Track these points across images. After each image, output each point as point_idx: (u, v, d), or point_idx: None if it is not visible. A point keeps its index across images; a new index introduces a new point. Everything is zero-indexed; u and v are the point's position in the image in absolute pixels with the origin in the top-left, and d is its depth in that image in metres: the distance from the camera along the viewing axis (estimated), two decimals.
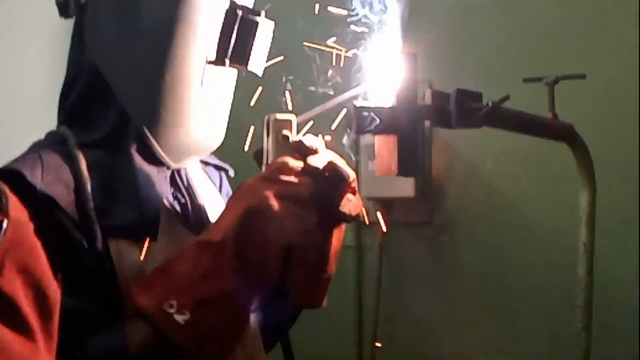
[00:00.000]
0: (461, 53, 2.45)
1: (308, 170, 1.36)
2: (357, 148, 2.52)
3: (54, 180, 1.34)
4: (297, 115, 1.43)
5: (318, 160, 1.38)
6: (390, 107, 1.38)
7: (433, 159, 2.50)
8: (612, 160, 2.26)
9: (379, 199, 2.52)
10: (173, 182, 1.53)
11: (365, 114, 1.35)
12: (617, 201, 2.27)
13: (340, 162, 1.39)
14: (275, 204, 1.31)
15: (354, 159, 2.42)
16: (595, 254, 1.67)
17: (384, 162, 1.40)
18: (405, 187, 2.44)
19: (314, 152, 1.38)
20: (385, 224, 2.47)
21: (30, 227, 1.25)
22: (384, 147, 1.40)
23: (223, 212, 1.36)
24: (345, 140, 1.48)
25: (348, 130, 1.39)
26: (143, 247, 1.38)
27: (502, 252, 2.46)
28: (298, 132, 1.43)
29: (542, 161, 2.35)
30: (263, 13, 1.50)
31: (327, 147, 1.42)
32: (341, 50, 1.53)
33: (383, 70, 1.45)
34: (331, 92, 1.54)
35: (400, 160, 1.36)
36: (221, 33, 1.47)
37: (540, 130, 1.61)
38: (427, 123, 1.43)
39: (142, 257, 1.36)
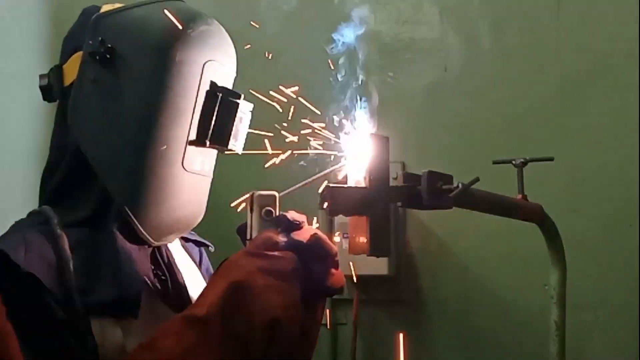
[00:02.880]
0: (433, 136, 2.47)
1: (292, 244, 1.38)
2: (331, 226, 2.53)
3: (37, 259, 1.36)
4: (279, 192, 1.46)
5: (301, 235, 1.39)
6: (362, 189, 1.39)
7: (408, 237, 2.50)
8: (582, 240, 2.31)
9: (352, 276, 2.51)
10: (154, 259, 1.55)
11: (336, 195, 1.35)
12: (588, 280, 2.30)
13: (323, 237, 1.41)
14: (259, 278, 1.32)
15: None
16: (567, 333, 1.68)
17: (356, 243, 1.41)
18: (380, 265, 2.45)
19: (297, 227, 1.40)
20: (359, 302, 2.49)
21: (3, 309, 1.23)
22: (357, 227, 1.41)
23: (207, 287, 1.37)
24: (319, 218, 1.51)
25: (322, 210, 1.42)
26: (125, 324, 1.39)
27: (475, 331, 2.46)
28: (280, 207, 1.45)
29: (514, 240, 2.35)
30: (242, 95, 1.54)
31: (309, 222, 1.44)
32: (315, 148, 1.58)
33: (357, 152, 1.48)
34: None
35: (372, 241, 1.36)
36: (202, 115, 1.50)
37: (510, 211, 1.62)
38: (398, 204, 1.44)
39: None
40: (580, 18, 2.38)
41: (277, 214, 1.44)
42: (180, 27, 1.46)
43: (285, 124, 1.64)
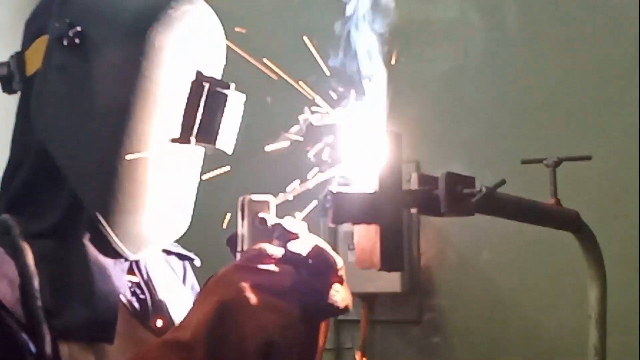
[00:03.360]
0: (452, 131, 2.48)
1: (289, 257, 1.37)
2: (335, 235, 2.54)
3: None
4: (275, 196, 1.45)
5: (300, 246, 1.38)
6: (371, 194, 1.38)
7: (422, 248, 2.51)
8: (624, 251, 2.31)
9: (360, 294, 2.51)
10: (131, 274, 1.55)
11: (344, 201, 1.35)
12: (631, 297, 2.31)
13: (326, 248, 1.40)
14: (252, 296, 1.30)
15: None
16: (608, 358, 1.67)
17: (364, 255, 1.40)
18: (391, 281, 2.46)
19: (295, 236, 1.39)
20: (368, 323, 2.49)
21: None
22: (365, 237, 1.40)
23: (193, 306, 1.35)
24: (321, 226, 1.52)
25: (323, 219, 1.42)
26: (97, 350, 1.38)
27: (501, 355, 2.48)
28: (276, 214, 1.43)
29: (545, 251, 2.37)
30: (232, 85, 1.53)
31: (309, 230, 1.42)
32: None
33: (364, 151, 1.47)
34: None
35: (383, 253, 1.35)
36: (186, 108, 1.49)
37: (541, 219, 1.61)
38: (412, 210, 1.42)
39: None
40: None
41: (273, 221, 1.43)
42: (159, 6, 1.46)
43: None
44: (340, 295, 1.39)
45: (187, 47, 1.49)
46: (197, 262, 1.77)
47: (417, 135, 2.43)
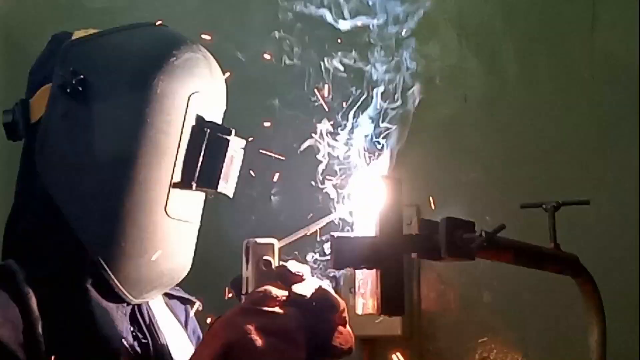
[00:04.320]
0: (451, 176, 2.48)
1: (294, 299, 1.37)
2: (336, 279, 2.53)
3: (1, 321, 1.35)
4: (278, 240, 1.46)
5: (305, 288, 1.39)
6: (371, 238, 1.39)
7: (422, 291, 2.49)
8: (624, 296, 2.30)
9: (360, 337, 2.52)
10: (133, 319, 1.54)
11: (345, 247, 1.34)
12: (631, 341, 2.29)
13: (329, 290, 1.41)
14: (257, 338, 1.31)
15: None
16: None
17: (365, 300, 1.40)
18: (392, 325, 2.45)
19: (299, 279, 1.40)
20: None
21: None
22: (365, 282, 1.40)
23: (197, 350, 1.36)
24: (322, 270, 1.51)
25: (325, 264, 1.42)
26: None
27: None
28: (280, 257, 1.44)
29: (545, 295, 2.35)
30: (233, 131, 1.54)
31: (312, 274, 1.44)
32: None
33: (365, 196, 1.47)
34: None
35: (384, 298, 1.35)
36: (187, 153, 1.50)
37: (541, 263, 1.59)
38: (413, 255, 1.42)
39: None
40: (616, 43, 2.39)
41: (277, 264, 1.43)
42: (162, 55, 1.48)
43: None
44: (343, 337, 1.40)
45: (189, 93, 1.49)
46: (199, 306, 1.76)
47: (417, 180, 2.43)
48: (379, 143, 1.55)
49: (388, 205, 1.39)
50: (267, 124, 1.96)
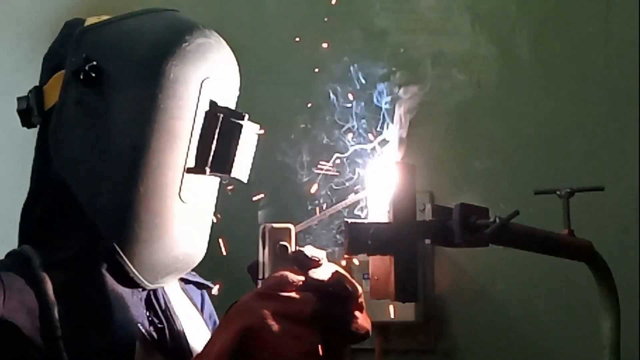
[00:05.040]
0: (465, 162, 2.47)
1: (310, 284, 1.37)
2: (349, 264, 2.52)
3: (17, 306, 1.36)
4: (295, 224, 1.46)
5: (321, 273, 1.39)
6: (385, 224, 1.39)
7: (436, 276, 2.48)
8: (637, 281, 2.29)
9: (374, 323, 2.50)
10: (149, 304, 1.55)
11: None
12: None
13: (345, 275, 1.40)
14: (273, 323, 1.31)
15: None
16: None
17: (379, 286, 1.41)
18: (405, 311, 2.44)
19: (316, 264, 1.40)
20: (382, 352, 2.47)
21: None
22: (379, 268, 1.41)
23: (213, 335, 1.36)
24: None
25: (338, 248, 1.42)
26: None
27: None
28: (297, 242, 1.44)
29: (559, 281, 2.33)
30: (246, 116, 1.54)
31: (329, 259, 1.43)
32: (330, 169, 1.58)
33: (379, 182, 1.48)
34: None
35: (397, 284, 1.36)
36: (200, 138, 1.50)
37: (554, 249, 1.59)
38: (427, 241, 1.43)
39: None
40: (631, 29, 2.38)
41: (293, 249, 1.43)
42: (174, 40, 1.48)
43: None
44: (360, 322, 1.40)
45: (202, 79, 1.49)
46: (215, 291, 1.76)
47: (430, 166, 2.43)
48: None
49: (402, 191, 1.39)
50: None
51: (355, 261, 1.61)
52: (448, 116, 2.52)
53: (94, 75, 1.47)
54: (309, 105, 1.80)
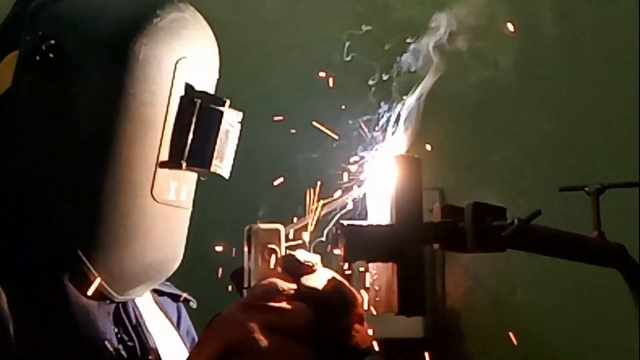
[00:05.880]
0: (480, 154, 2.49)
1: (303, 293, 1.37)
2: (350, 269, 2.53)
3: None
4: (285, 225, 1.46)
5: (315, 281, 1.39)
6: (387, 227, 1.39)
7: (447, 287, 2.50)
8: None
9: (377, 340, 2.51)
10: (118, 319, 1.54)
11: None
12: None
13: (344, 282, 1.40)
14: (261, 338, 1.31)
15: None
16: None
17: (381, 297, 1.40)
18: (412, 326, 2.45)
19: (309, 270, 1.40)
20: None
21: None
22: (381, 277, 1.41)
23: (193, 352, 1.37)
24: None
25: (335, 253, 1.42)
26: None
27: None
28: (287, 244, 1.45)
29: (588, 291, 2.36)
30: (227, 102, 1.53)
31: (324, 264, 1.43)
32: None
33: (380, 177, 1.48)
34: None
35: (402, 295, 1.36)
36: (175, 128, 1.50)
37: (583, 254, 1.60)
38: (435, 246, 1.42)
39: None
40: None
41: (283, 253, 1.44)
42: (144, 15, 1.48)
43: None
44: (360, 336, 1.40)
45: (176, 59, 1.49)
46: (194, 304, 1.76)
47: (440, 159, 2.43)
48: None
49: (406, 188, 1.39)
50: None
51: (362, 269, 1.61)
52: (460, 101, 2.53)
53: (51, 56, 1.46)
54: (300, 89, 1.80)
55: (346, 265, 1.45)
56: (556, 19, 2.48)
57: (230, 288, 1.52)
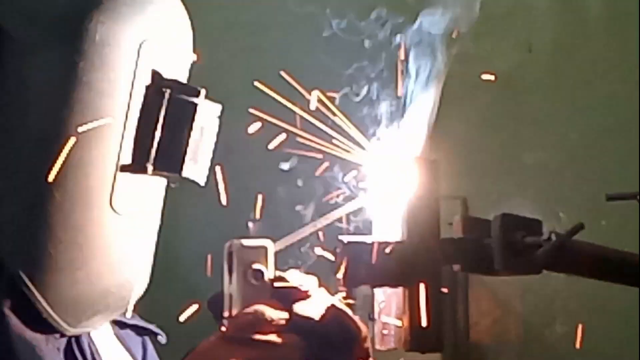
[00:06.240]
0: (510, 156, 2.50)
1: (296, 323, 1.37)
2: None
3: None
4: (274, 240, 1.45)
5: (311, 308, 1.39)
6: (397, 244, 1.39)
7: (471, 317, 2.51)
8: None
9: None
10: (70, 356, 1.53)
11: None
12: None
13: (344, 310, 1.40)
14: None
15: None
16: None
17: (389, 330, 1.41)
18: (429, 356, 2.46)
19: (303, 295, 1.40)
20: None
21: None
22: (390, 306, 1.42)
23: None
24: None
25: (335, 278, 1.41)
26: None
27: None
28: (276, 265, 1.44)
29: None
30: (203, 92, 1.53)
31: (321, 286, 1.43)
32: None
33: (388, 185, 1.48)
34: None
35: (414, 327, 1.36)
36: (140, 123, 1.49)
37: (634, 276, 1.58)
38: (455, 267, 1.43)
39: None
40: None
41: (272, 275, 1.43)
42: None
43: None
44: None
45: (140, 41, 1.49)
46: (162, 338, 1.76)
47: (463, 163, 2.43)
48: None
49: (420, 196, 1.40)
50: None
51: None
52: (487, 92, 2.53)
53: None
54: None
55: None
56: None
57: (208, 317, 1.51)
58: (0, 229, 1.46)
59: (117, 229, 1.51)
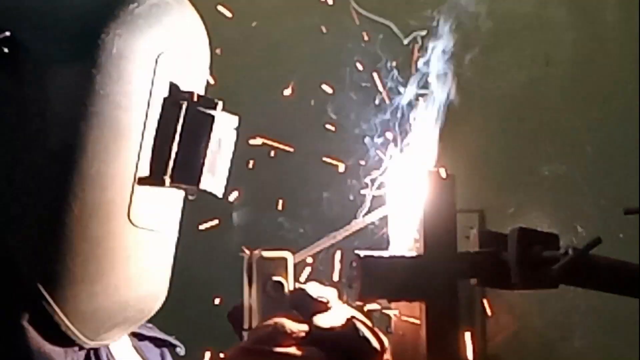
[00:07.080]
0: (528, 169, 2.49)
1: (316, 336, 1.37)
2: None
3: None
4: (293, 252, 1.45)
5: (331, 320, 1.38)
6: (413, 258, 1.39)
7: (487, 332, 2.51)
8: None
9: None
10: None
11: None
12: None
13: (365, 322, 1.39)
14: None
15: None
16: None
17: (405, 344, 1.40)
18: None
19: (323, 307, 1.40)
20: None
21: None
22: (405, 319, 1.41)
23: None
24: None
25: (349, 289, 1.41)
26: None
27: None
28: (297, 276, 1.44)
29: None
30: (220, 104, 1.53)
31: (341, 299, 1.43)
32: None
33: (404, 198, 1.48)
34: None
35: (431, 342, 1.35)
36: (157, 136, 1.49)
37: None
38: (472, 281, 1.43)
39: None
40: None
41: (292, 287, 1.43)
42: (117, 0, 1.47)
43: None
44: None
45: (157, 53, 1.49)
46: (181, 350, 1.76)
47: (480, 176, 2.43)
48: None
49: (436, 210, 1.40)
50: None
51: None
52: (504, 104, 2.53)
53: (6, 50, 1.46)
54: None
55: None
56: (618, 7, 2.48)
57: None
58: (18, 243, 1.46)
59: (135, 241, 1.51)
